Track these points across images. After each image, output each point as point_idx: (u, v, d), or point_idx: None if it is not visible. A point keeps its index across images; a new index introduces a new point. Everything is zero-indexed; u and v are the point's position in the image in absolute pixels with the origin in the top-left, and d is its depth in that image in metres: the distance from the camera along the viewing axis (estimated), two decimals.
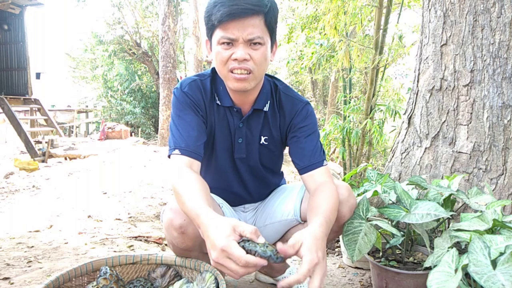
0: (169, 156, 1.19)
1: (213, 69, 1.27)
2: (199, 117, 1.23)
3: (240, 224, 0.90)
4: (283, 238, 1.45)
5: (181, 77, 10.54)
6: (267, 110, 1.30)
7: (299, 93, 1.41)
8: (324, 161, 1.27)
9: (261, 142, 1.34)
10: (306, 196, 1.30)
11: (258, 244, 0.88)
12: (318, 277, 0.87)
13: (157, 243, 2.20)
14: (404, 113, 2.02)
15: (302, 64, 4.39)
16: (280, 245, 0.90)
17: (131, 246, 2.08)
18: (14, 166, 5.93)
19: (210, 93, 1.27)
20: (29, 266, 1.73)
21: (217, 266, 0.88)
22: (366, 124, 3.42)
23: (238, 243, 0.87)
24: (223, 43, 1.10)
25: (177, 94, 1.24)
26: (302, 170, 1.26)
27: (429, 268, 1.09)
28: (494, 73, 1.64)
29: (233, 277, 0.87)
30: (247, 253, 0.86)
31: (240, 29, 1.07)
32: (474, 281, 1.00)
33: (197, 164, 1.17)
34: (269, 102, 1.30)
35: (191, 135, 1.18)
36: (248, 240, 0.89)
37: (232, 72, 1.13)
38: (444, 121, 1.75)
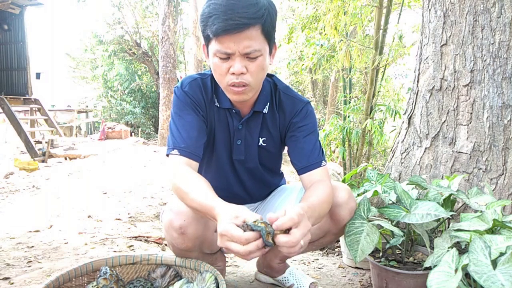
0: (167, 155, 1.19)
1: None
2: (199, 117, 1.23)
3: (244, 212, 0.92)
4: None
5: (181, 77, 10.54)
6: (266, 112, 1.29)
7: (299, 93, 1.40)
8: (323, 161, 1.26)
9: (260, 144, 1.33)
10: None
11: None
12: (301, 230, 0.89)
13: (157, 243, 2.20)
14: (404, 113, 2.02)
15: (302, 65, 4.40)
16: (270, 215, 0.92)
17: (131, 246, 2.08)
18: (14, 166, 5.93)
19: (211, 93, 1.27)
20: (29, 266, 1.73)
21: (225, 250, 0.92)
22: (366, 124, 3.42)
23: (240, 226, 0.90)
24: (220, 56, 1.08)
25: (178, 93, 1.24)
26: (300, 170, 1.26)
27: (429, 268, 1.09)
28: (494, 73, 1.64)
29: (244, 258, 0.89)
30: (244, 231, 0.88)
31: (236, 42, 1.04)
32: (474, 281, 1.00)
33: (195, 165, 1.18)
34: (268, 103, 1.30)
35: (191, 135, 1.18)
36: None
37: (231, 86, 1.12)
38: (444, 121, 1.75)
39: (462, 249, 1.29)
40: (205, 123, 1.26)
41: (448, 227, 1.31)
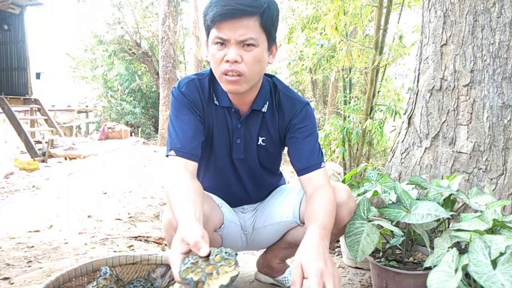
0: (166, 156, 1.19)
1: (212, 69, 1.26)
2: (196, 117, 1.23)
3: (187, 235, 0.87)
4: (282, 239, 1.45)
5: (181, 77, 10.53)
6: (265, 111, 1.29)
7: (299, 93, 1.40)
8: (322, 163, 1.26)
9: (259, 143, 1.33)
10: (305, 198, 1.30)
11: (201, 263, 0.83)
12: (331, 283, 0.85)
13: (157, 243, 2.20)
14: (404, 113, 2.02)
15: (302, 65, 4.40)
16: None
17: (131, 246, 2.08)
18: (14, 166, 5.93)
19: (208, 93, 1.27)
20: (29, 266, 1.73)
21: None
22: (366, 124, 3.42)
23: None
24: (217, 43, 1.10)
25: (175, 94, 1.24)
26: (299, 172, 1.26)
27: (429, 268, 1.09)
28: (494, 73, 1.64)
29: None
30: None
31: (232, 29, 1.06)
32: (474, 281, 1.00)
33: (192, 165, 1.17)
34: (267, 102, 1.29)
35: (187, 135, 1.18)
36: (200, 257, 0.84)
37: (225, 74, 1.12)
38: (444, 121, 1.75)
39: (462, 249, 1.29)
40: (203, 123, 1.26)
41: (448, 227, 1.31)
